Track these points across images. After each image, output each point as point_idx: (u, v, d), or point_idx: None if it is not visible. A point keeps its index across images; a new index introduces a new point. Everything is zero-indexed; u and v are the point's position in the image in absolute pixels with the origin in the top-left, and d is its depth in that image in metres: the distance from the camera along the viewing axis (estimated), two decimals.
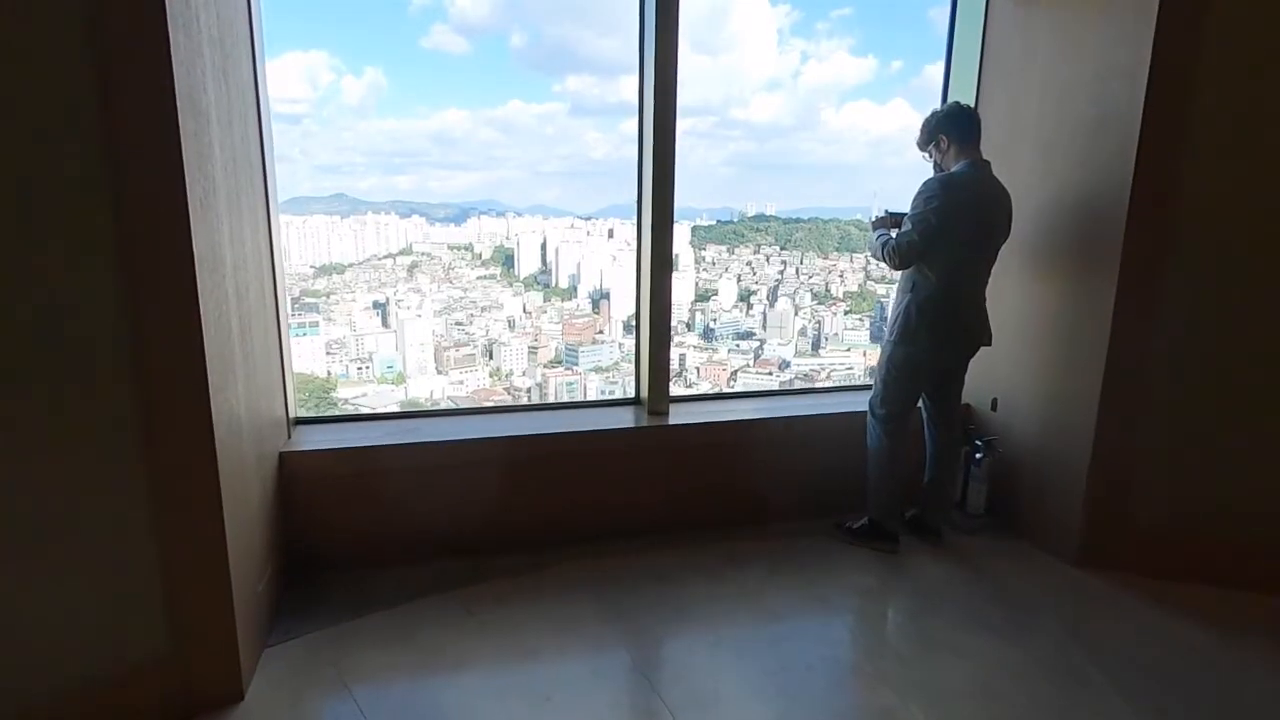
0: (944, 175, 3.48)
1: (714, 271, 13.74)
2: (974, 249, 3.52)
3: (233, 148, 2.95)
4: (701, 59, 14.79)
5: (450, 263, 13.20)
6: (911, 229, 3.42)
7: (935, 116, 3.55)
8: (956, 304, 3.49)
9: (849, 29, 14.07)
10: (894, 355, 3.61)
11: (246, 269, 3.05)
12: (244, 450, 2.91)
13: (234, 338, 2.83)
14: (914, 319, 3.49)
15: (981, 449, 3.93)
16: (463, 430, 3.56)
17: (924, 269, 3.46)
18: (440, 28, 12.53)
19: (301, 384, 12.25)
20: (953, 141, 3.49)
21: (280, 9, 9.92)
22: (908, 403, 3.65)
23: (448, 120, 12.90)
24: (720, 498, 3.91)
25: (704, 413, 3.91)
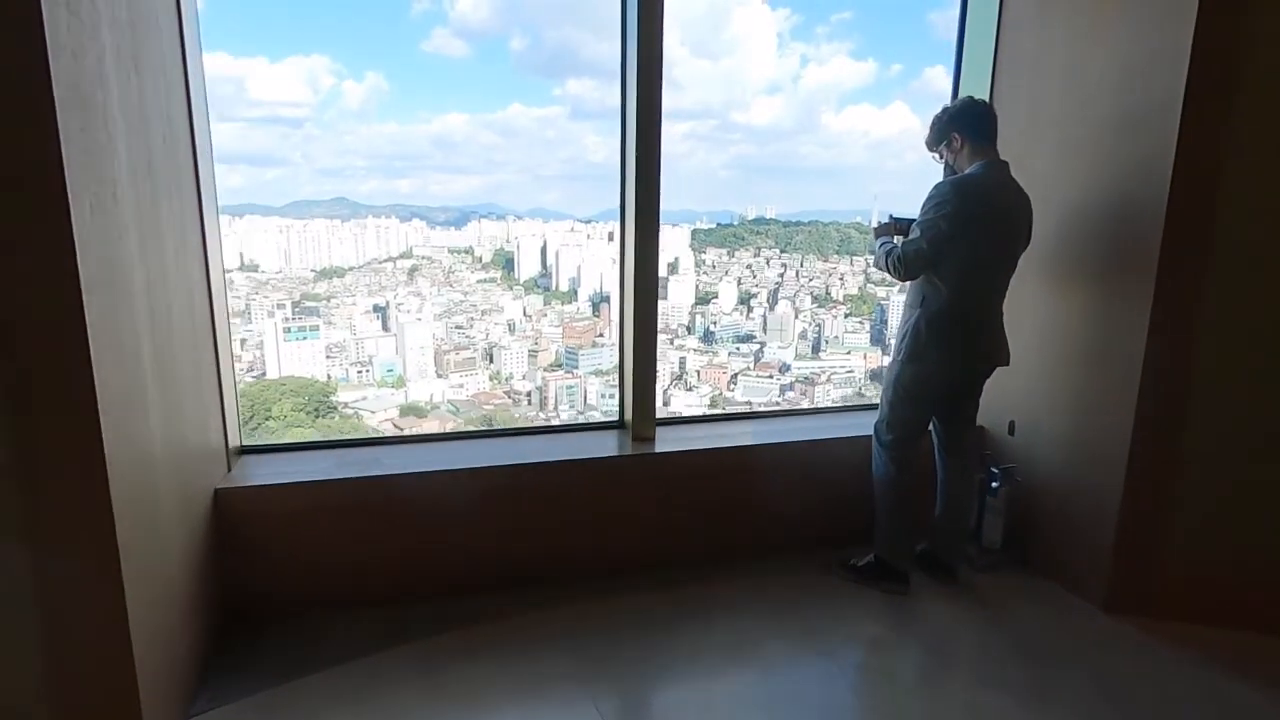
0: (957, 177, 3.00)
1: (714, 274, 13.29)
2: (990, 258, 3.04)
3: (148, 149, 2.48)
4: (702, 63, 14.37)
5: (450, 266, 12.78)
6: (920, 236, 2.94)
7: (946, 113, 3.07)
8: (971, 319, 3.02)
9: (849, 32, 13.62)
10: (902, 376, 3.13)
11: (167, 285, 2.58)
12: (159, 491, 2.39)
13: (145, 365, 2.36)
14: (924, 335, 3.02)
15: (998, 477, 3.46)
16: (426, 460, 3.10)
17: (935, 280, 2.98)
18: (441, 32, 12.14)
19: (300, 388, 11.85)
20: (966, 140, 3.02)
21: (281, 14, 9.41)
22: (917, 428, 3.18)
23: (448, 124, 12.50)
24: (712, 533, 3.44)
25: (694, 438, 3.44)
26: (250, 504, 2.86)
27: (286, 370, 11.66)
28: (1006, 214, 3.03)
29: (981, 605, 3.19)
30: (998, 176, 3.04)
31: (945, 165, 3.16)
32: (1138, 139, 2.97)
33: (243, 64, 12.68)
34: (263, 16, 12.62)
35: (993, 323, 3.12)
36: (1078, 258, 3.22)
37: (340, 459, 3.10)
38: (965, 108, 3.07)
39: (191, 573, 2.60)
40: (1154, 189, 2.87)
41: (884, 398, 3.20)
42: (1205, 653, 2.89)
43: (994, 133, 3.02)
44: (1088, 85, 3.17)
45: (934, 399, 3.18)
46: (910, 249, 2.99)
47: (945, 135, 3.09)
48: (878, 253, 3.15)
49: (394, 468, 3.02)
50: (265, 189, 13.49)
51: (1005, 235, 3.03)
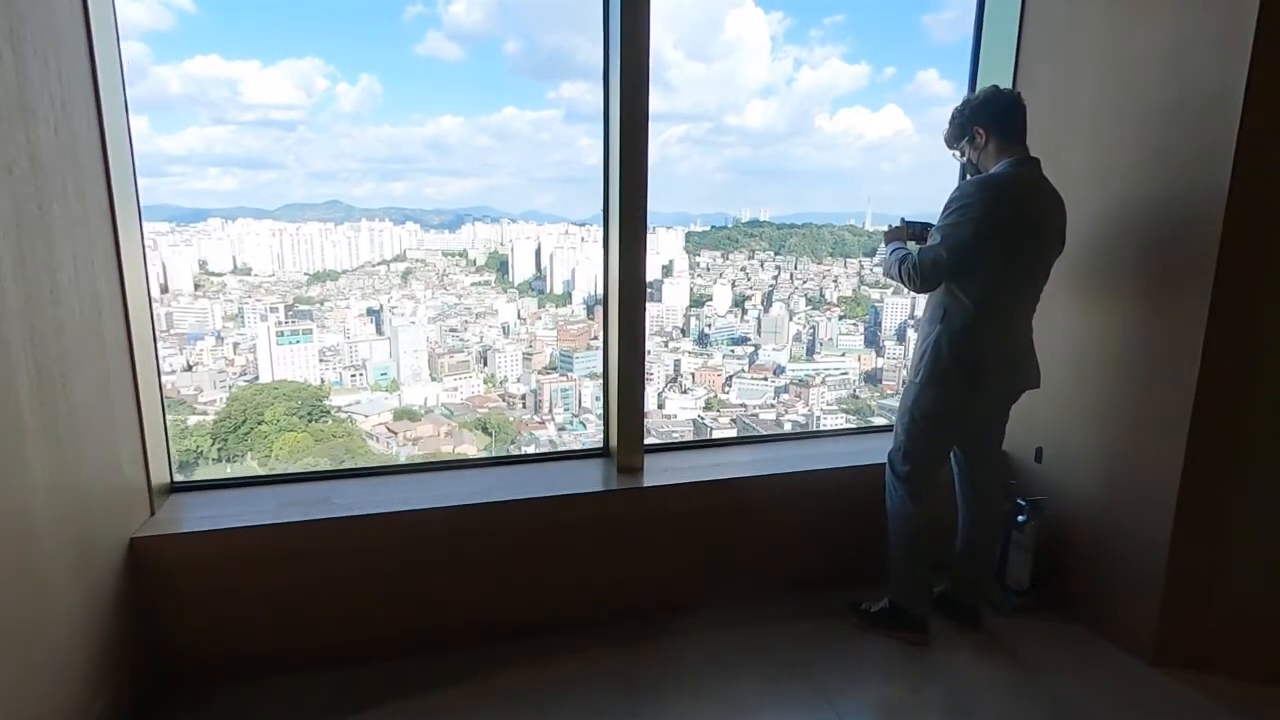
0: (983, 177, 2.53)
1: (708, 277, 12.87)
2: (1020, 268, 2.56)
3: (28, 141, 1.94)
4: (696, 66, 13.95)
5: (444, 269, 12.32)
6: (940, 243, 2.46)
7: (968, 105, 2.60)
8: (999, 336, 2.55)
9: (842, 36, 13.20)
10: (920, 400, 2.66)
11: (62, 302, 2.06)
12: (39, 544, 1.87)
13: (22, 398, 1.89)
14: (945, 355, 2.54)
15: (1025, 510, 3.00)
16: (384, 499, 2.61)
17: (957, 293, 2.52)
18: (434, 34, 11.68)
19: (293, 392, 11.36)
20: (992, 135, 2.54)
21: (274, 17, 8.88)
22: (937, 457, 2.72)
23: (442, 127, 12.06)
24: (707, 576, 2.96)
25: (686, 468, 2.97)
26: (176, 553, 2.39)
27: (279, 374, 11.19)
28: (1039, 217, 2.56)
29: (1010, 657, 2.73)
30: (1028, 175, 2.57)
31: (966, 164, 2.70)
32: (1190, 132, 2.50)
33: (235, 67, 12.20)
34: (255, 19, 12.14)
35: (1023, 340, 2.65)
36: (1117, 267, 2.75)
37: (285, 498, 2.62)
38: (990, 99, 2.59)
39: (96, 637, 2.13)
40: (1210, 189, 2.40)
41: (899, 424, 2.73)
42: (1268, 712, 2.44)
43: (1023, 126, 2.55)
44: (1130, 71, 2.70)
45: (956, 426, 2.71)
46: (928, 257, 2.50)
47: (967, 130, 2.61)
48: (888, 260, 2.67)
49: (346, 508, 2.54)
50: (258, 192, 13.04)
51: (1037, 241, 2.56)
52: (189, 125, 11.99)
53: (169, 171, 12.16)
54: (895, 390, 12.16)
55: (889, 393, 12.20)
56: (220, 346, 11.33)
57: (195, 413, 10.95)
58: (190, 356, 11.19)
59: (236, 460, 10.63)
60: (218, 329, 11.35)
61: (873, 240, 13.51)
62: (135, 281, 2.41)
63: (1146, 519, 2.64)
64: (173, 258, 11.55)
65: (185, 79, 12.03)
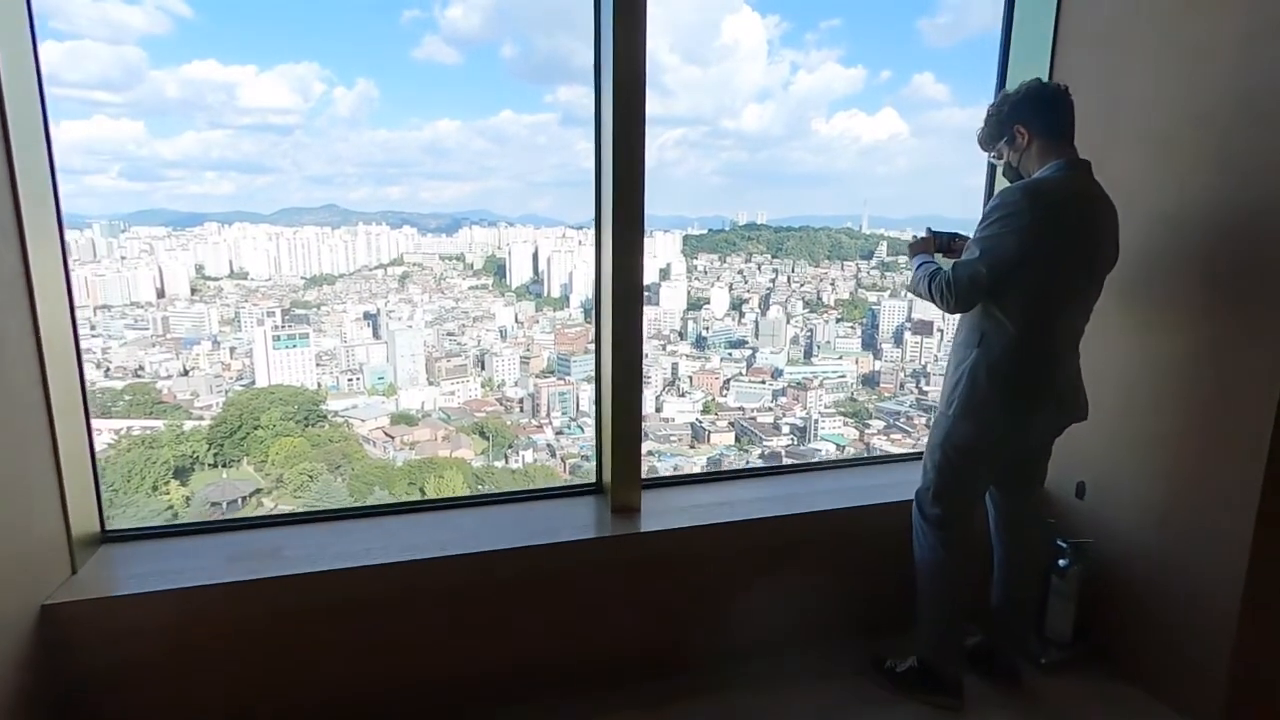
0: (1028, 183, 2.12)
1: (706, 280, 12.53)
2: (1071, 286, 2.14)
3: None
4: (693, 70, 13.63)
5: (442, 273, 11.97)
6: (978, 258, 2.05)
7: (1007, 101, 2.19)
8: (1045, 363, 2.14)
9: (838, 40, 12.88)
10: (953, 434, 2.24)
11: None
12: None
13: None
14: (983, 385, 2.14)
15: (1067, 553, 2.60)
16: (345, 549, 2.19)
17: (996, 314, 2.11)
18: (432, 39, 11.32)
19: (290, 397, 10.98)
20: (1035, 135, 2.13)
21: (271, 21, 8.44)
22: (971, 499, 2.31)
23: (440, 131, 11.69)
24: (714, 631, 2.53)
25: (688, 507, 2.55)
26: (99, 621, 1.97)
27: (276, 379, 10.82)
28: (1091, 228, 2.15)
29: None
30: (1079, 180, 2.16)
31: (1005, 168, 2.29)
32: (1263, 130, 2.10)
33: (232, 71, 11.86)
34: (252, 24, 11.75)
35: (1070, 367, 2.24)
36: (1175, 281, 2.35)
37: (232, 548, 2.21)
38: (1033, 93, 2.17)
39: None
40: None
41: (929, 460, 2.32)
42: None
43: (1071, 124, 2.13)
44: (1190, 59, 2.30)
45: (994, 463, 2.31)
46: (964, 273, 2.08)
47: (1006, 129, 2.20)
48: (915, 275, 2.26)
49: (303, 561, 2.13)
50: (255, 196, 12.65)
51: (1091, 255, 2.15)
52: (185, 130, 11.65)
53: (165, 176, 11.82)
54: (893, 393, 11.83)
55: (886, 395, 11.90)
56: (217, 351, 10.98)
57: (191, 418, 10.58)
58: (186, 361, 10.83)
59: (233, 465, 10.31)
60: (214, 333, 11.00)
61: (869, 243, 13.15)
62: (52, 300, 2.00)
63: (1213, 572, 2.24)
64: (169, 262, 11.20)
65: (182, 83, 11.66)
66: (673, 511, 2.48)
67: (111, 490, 9.22)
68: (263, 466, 10.30)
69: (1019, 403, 2.14)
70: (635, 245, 2.30)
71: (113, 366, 10.40)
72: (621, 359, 2.38)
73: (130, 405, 10.31)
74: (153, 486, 9.65)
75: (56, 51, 10.15)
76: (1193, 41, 2.24)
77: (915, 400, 11.55)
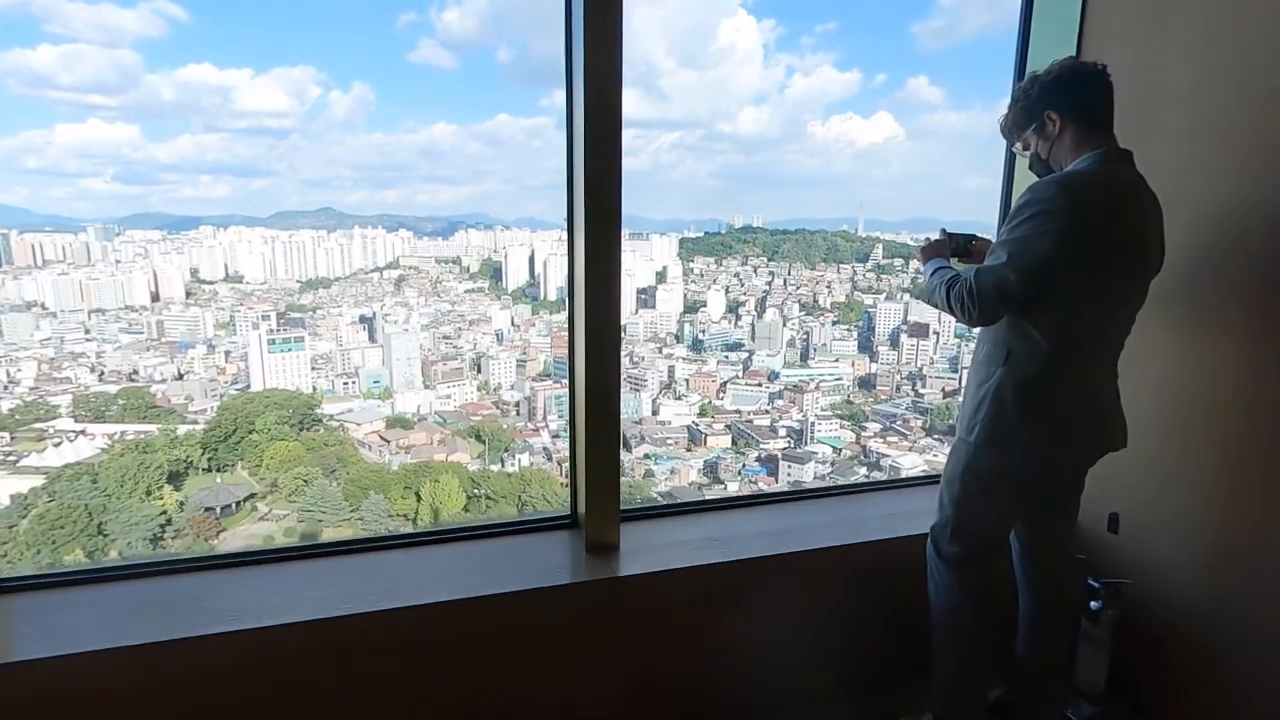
0: (1064, 176, 1.75)
1: (702, 283, 12.18)
2: (1112, 295, 1.76)
3: None
4: (689, 73, 13.31)
5: (438, 276, 11.62)
6: (1006, 262, 1.68)
7: (1037, 82, 1.82)
8: (1080, 383, 1.78)
9: (833, 43, 12.56)
10: (975, 464, 1.86)
11: None
12: None
13: None
14: (1010, 408, 1.77)
15: (1100, 595, 2.23)
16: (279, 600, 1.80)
17: (1026, 327, 1.73)
18: (428, 42, 11.00)
19: (285, 400, 10.64)
20: (1069, 122, 1.76)
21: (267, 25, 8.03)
22: (994, 537, 1.95)
23: (435, 134, 11.36)
24: (705, 690, 2.15)
25: (674, 544, 2.18)
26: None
27: (271, 382, 10.48)
28: (1137, 227, 1.79)
29: None
30: (1121, 173, 1.79)
31: (1032, 160, 1.92)
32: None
33: (228, 75, 11.53)
34: (248, 27, 11.43)
35: (1108, 388, 1.87)
36: (1223, 289, 1.99)
37: (137, 599, 1.83)
38: (1066, 74, 1.80)
39: None
40: None
41: (946, 493, 1.95)
42: None
43: (1110, 109, 1.77)
44: (1240, 37, 1.94)
45: (1021, 497, 1.94)
46: (989, 281, 1.71)
47: (1035, 116, 1.82)
48: (929, 283, 1.88)
49: (227, 616, 1.74)
50: (250, 199, 12.33)
51: (1135, 258, 1.79)
52: (181, 133, 11.34)
53: (160, 179, 11.50)
54: (889, 395, 11.48)
55: (883, 398, 11.56)
56: (211, 355, 10.64)
57: (185, 422, 10.24)
58: (181, 365, 10.49)
59: (227, 470, 9.97)
60: (209, 337, 10.65)
61: (865, 246, 12.79)
62: None
63: (1272, 619, 1.88)
64: (164, 266, 10.86)
65: (178, 86, 11.33)
66: (656, 549, 2.11)
67: (104, 496, 8.88)
68: (257, 471, 9.98)
69: (1051, 429, 1.77)
70: (611, 254, 1.91)
71: (107, 371, 10.07)
72: (596, 378, 2.00)
73: (124, 410, 9.98)
74: (146, 491, 9.30)
75: (51, 55, 9.82)
76: (1246, 16, 1.86)
77: (911, 403, 11.23)
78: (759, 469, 10.21)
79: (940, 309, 1.83)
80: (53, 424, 9.76)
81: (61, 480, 9.12)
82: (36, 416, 9.86)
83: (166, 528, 8.99)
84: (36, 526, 8.80)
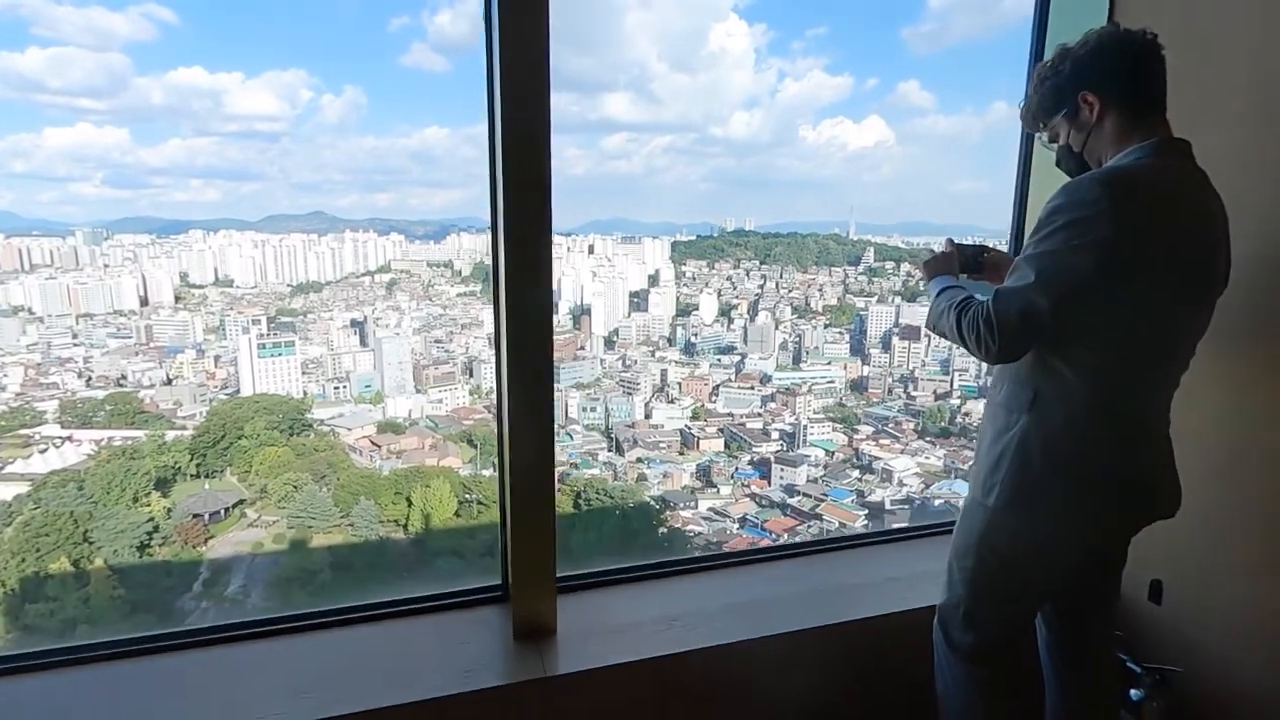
0: (1108, 172, 1.32)
1: (694, 286, 11.80)
2: (1167, 322, 1.31)
3: None
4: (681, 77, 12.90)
5: (429, 280, 11.22)
6: (1033, 283, 1.24)
7: (1068, 57, 1.39)
8: (1127, 435, 1.34)
9: (824, 47, 12.16)
10: (994, 534, 1.43)
11: None
12: None
13: None
14: (1038, 466, 1.33)
15: (1144, 683, 1.80)
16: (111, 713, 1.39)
17: (1058, 364, 1.29)
18: (420, 46, 10.60)
19: (274, 405, 10.26)
20: (1111, 106, 1.33)
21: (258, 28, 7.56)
22: (1018, 623, 1.50)
23: (427, 138, 10.94)
24: None
25: (623, 623, 1.73)
26: None
27: (261, 387, 10.10)
28: (1204, 238, 1.35)
29: None
30: (1179, 170, 1.36)
31: (1059, 155, 1.48)
32: None
33: (219, 78, 11.07)
34: (239, 31, 11.00)
35: (1160, 439, 1.43)
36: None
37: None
38: (1109, 46, 1.36)
39: None
40: None
41: (957, 567, 1.52)
42: None
43: (1163, 90, 1.33)
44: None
45: (1052, 576, 1.50)
46: (1013, 307, 1.27)
47: (1068, 99, 1.39)
48: (935, 306, 1.44)
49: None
50: (241, 203, 11.90)
51: (1197, 276, 1.35)
52: (171, 137, 10.89)
53: (150, 183, 11.06)
54: (881, 398, 11.10)
55: (875, 400, 11.23)
56: (201, 359, 10.25)
57: (174, 427, 9.87)
58: (170, 370, 10.10)
59: (216, 476, 9.60)
60: (198, 342, 10.26)
61: (857, 249, 12.39)
62: None
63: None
64: (153, 270, 10.43)
65: (167, 90, 10.88)
66: (601, 633, 1.67)
67: (91, 503, 8.51)
68: (246, 477, 9.62)
69: (1088, 492, 1.33)
70: (540, 264, 1.46)
71: (94, 376, 9.67)
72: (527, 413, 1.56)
73: (111, 415, 9.61)
74: (133, 498, 8.92)
75: (40, 58, 9.38)
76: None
77: (904, 405, 10.94)
78: (752, 472, 9.96)
79: (949, 339, 1.38)
80: (39, 430, 9.42)
81: (47, 487, 8.78)
82: (22, 422, 9.51)
83: (154, 535, 8.60)
84: (21, 534, 8.44)
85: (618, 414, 10.73)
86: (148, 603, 8.24)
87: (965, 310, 1.37)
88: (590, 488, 9.56)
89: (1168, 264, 1.30)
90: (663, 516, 9.08)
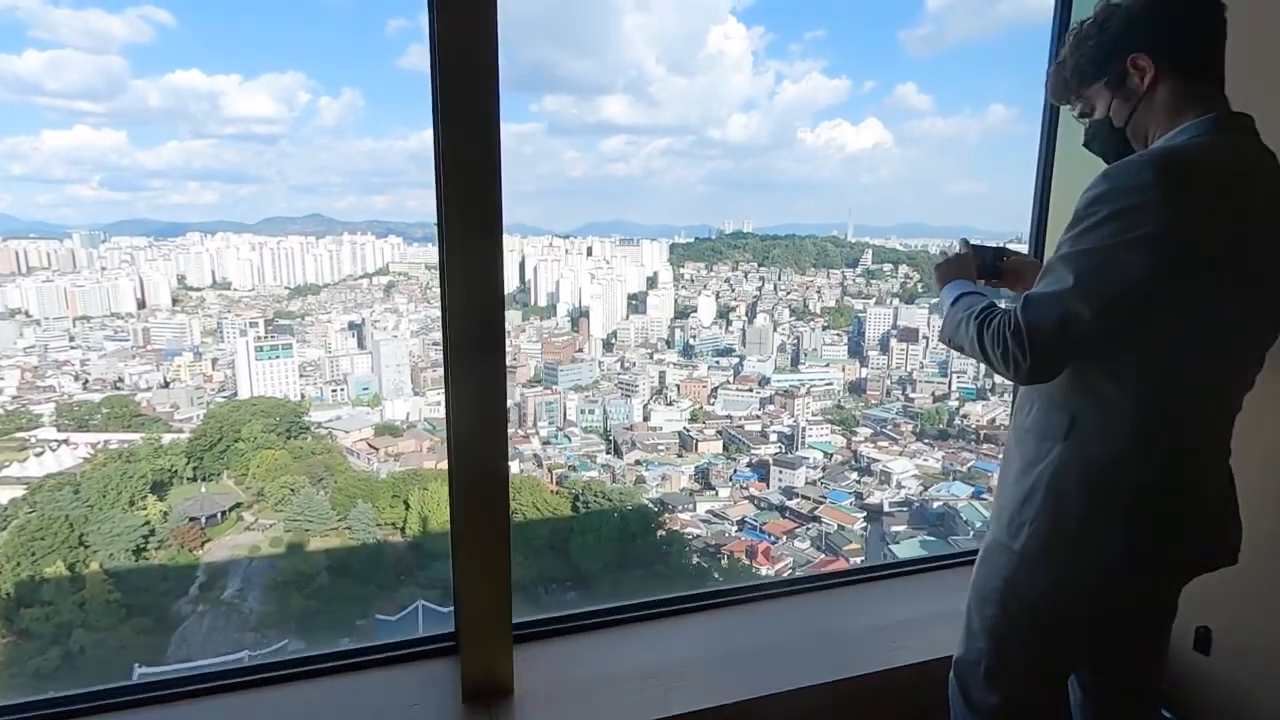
0: (1159, 153, 1.06)
1: (693, 288, 11.58)
2: (1232, 331, 1.02)
3: None
4: (679, 80, 12.70)
5: (427, 282, 11.01)
6: (1072, 286, 0.99)
7: (1115, 14, 1.12)
8: (1183, 467, 1.10)
9: (822, 50, 11.95)
10: (1020, 582, 1.15)
11: None
12: None
13: None
14: (1076, 502, 1.07)
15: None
16: None
17: (1100, 382, 1.05)
18: (417, 48, 10.36)
19: (272, 408, 10.03)
20: (1166, 72, 1.07)
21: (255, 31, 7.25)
22: (1050, 683, 1.26)
23: (426, 140, 10.72)
24: None
25: (592, 680, 1.49)
26: None
27: (258, 390, 9.90)
28: (1270, 228, 1.08)
29: None
30: (1243, 150, 1.08)
31: (1093, 132, 1.20)
32: None
33: (216, 81, 10.89)
34: (236, 33, 10.79)
35: (1220, 471, 1.17)
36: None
37: None
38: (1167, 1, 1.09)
39: None
40: None
41: (978, 617, 1.27)
42: None
43: (1221, 56, 1.08)
44: None
45: (1091, 630, 1.24)
46: (1048, 315, 1.00)
47: (1112, 64, 1.11)
48: (951, 315, 1.18)
49: None
50: (238, 206, 11.71)
51: (1269, 273, 1.09)
52: (168, 139, 10.70)
53: (147, 186, 10.88)
54: (879, 399, 10.86)
55: (873, 402, 11.01)
56: (198, 362, 10.04)
57: (171, 430, 9.65)
58: (167, 373, 9.89)
59: (213, 479, 9.39)
60: (196, 344, 10.06)
61: (855, 251, 12.16)
62: None
63: None
64: (150, 273, 10.23)
65: (165, 92, 10.71)
66: (566, 696, 1.41)
67: (87, 506, 8.28)
68: (243, 480, 9.40)
69: (1138, 534, 1.06)
70: (490, 264, 1.19)
71: (91, 379, 9.46)
72: (476, 433, 1.30)
73: (108, 418, 9.39)
74: (129, 501, 8.68)
75: (37, 61, 9.18)
76: None
77: (901, 407, 10.74)
78: (750, 474, 9.75)
79: (968, 355, 1.12)
80: (35, 433, 9.22)
81: (43, 490, 8.58)
82: (18, 425, 9.31)
83: (150, 538, 8.38)
84: (16, 538, 8.22)
85: (616, 416, 10.51)
86: (143, 606, 8.00)
87: (988, 321, 1.11)
88: (589, 490, 9.33)
89: (1233, 261, 1.04)
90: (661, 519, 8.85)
